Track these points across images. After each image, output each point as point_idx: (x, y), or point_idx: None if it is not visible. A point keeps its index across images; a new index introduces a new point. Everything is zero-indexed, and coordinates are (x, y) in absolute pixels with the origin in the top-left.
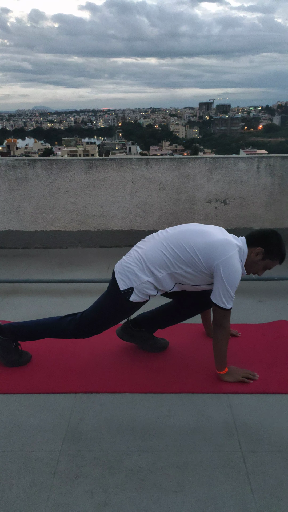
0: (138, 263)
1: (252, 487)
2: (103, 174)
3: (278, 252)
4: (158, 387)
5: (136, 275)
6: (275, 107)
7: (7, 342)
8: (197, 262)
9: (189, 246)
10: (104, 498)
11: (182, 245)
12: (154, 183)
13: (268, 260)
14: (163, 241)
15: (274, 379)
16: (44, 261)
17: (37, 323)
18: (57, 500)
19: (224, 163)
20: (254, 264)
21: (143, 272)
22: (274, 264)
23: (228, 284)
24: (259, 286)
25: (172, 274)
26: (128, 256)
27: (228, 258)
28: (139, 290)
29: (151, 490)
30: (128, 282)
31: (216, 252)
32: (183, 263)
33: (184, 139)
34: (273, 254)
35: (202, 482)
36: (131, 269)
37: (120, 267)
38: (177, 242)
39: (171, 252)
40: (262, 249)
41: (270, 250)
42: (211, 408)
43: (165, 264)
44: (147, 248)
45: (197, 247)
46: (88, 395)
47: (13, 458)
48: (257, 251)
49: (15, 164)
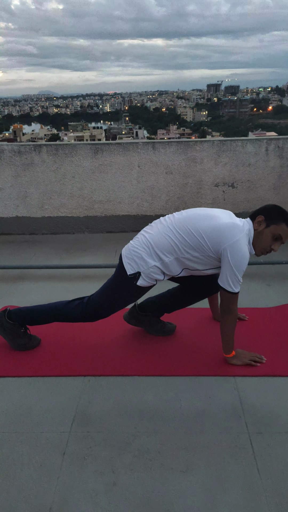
0: (145, 247)
1: (259, 468)
2: (109, 158)
3: (278, 213)
4: (166, 370)
5: (144, 259)
6: (285, 88)
7: (15, 326)
8: (204, 246)
9: (196, 231)
10: (112, 478)
11: (189, 230)
12: (160, 167)
13: (272, 226)
14: (170, 226)
15: (281, 362)
16: (51, 247)
17: (44, 308)
18: (66, 480)
19: (232, 145)
20: (261, 236)
21: (150, 256)
22: (281, 230)
23: (236, 268)
24: (267, 270)
25: (179, 258)
26: (135, 240)
27: (236, 241)
28: (146, 275)
29: (159, 470)
30: (135, 267)
31: (223, 236)
32: (190, 248)
33: (192, 122)
34: (274, 217)
35: (209, 463)
36: (138, 253)
37: (128, 252)
38: (184, 226)
39: (178, 237)
40: (262, 216)
41: (270, 214)
42: (219, 391)
43: (172, 249)
44: (154, 233)
45: (204, 231)
46: (97, 378)
47: (23, 439)
48: (258, 220)
49: (20, 150)
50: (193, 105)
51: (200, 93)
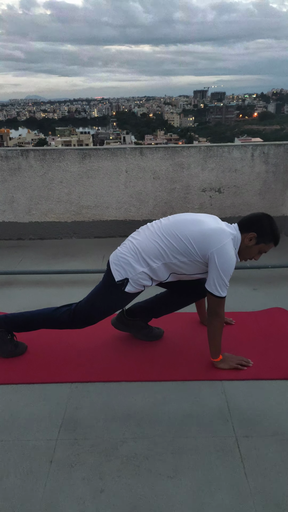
0: (133, 254)
1: (246, 471)
2: (97, 164)
3: (271, 235)
4: (153, 375)
5: (132, 266)
6: (270, 94)
7: (1, 333)
8: (192, 251)
9: (183, 236)
10: (100, 484)
11: (177, 235)
12: (148, 173)
13: (262, 244)
14: (158, 231)
15: (267, 366)
16: (38, 252)
17: (31, 314)
18: (54, 487)
19: (219, 151)
20: (249, 249)
21: (138, 263)
22: (269, 247)
23: (223, 272)
24: (254, 274)
25: (167, 264)
26: (123, 247)
27: (223, 246)
28: (134, 281)
29: (146, 476)
30: (123, 273)
31: (211, 241)
32: (178, 253)
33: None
34: (267, 237)
35: (197, 467)
36: (126, 260)
37: (115, 258)
38: (172, 232)
39: (165, 243)
40: (255, 234)
41: (262, 234)
42: (206, 394)
43: (160, 254)
44: (142, 239)
45: (191, 236)
46: (84, 385)
47: (10, 447)
48: (250, 236)
49: (7, 155)
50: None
51: (187, 99)
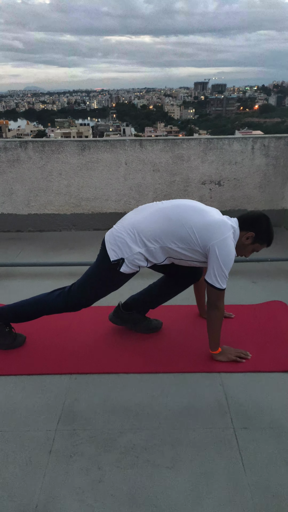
0: (130, 233)
1: (244, 462)
2: (96, 156)
3: (267, 237)
4: (152, 367)
5: (128, 246)
6: (271, 87)
7: (0, 326)
8: (193, 239)
9: (186, 223)
10: (99, 475)
11: (179, 220)
12: (148, 165)
13: (257, 244)
14: (159, 212)
15: (265, 358)
16: (37, 244)
17: (25, 303)
18: (53, 477)
19: (219, 144)
20: (244, 247)
21: (135, 243)
22: (262, 248)
23: (224, 264)
24: (253, 267)
25: (164, 247)
26: (119, 225)
27: (224, 239)
28: (130, 261)
29: (145, 466)
30: (119, 253)
31: (213, 233)
32: (177, 239)
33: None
34: (263, 239)
35: (195, 458)
36: (123, 239)
37: (111, 237)
38: (174, 217)
39: (166, 226)
40: (253, 234)
41: (260, 235)
42: (204, 387)
43: (158, 237)
44: (141, 218)
45: (195, 225)
46: (83, 376)
47: (9, 437)
48: (248, 235)
49: (6, 146)
50: (181, 103)
51: (187, 91)
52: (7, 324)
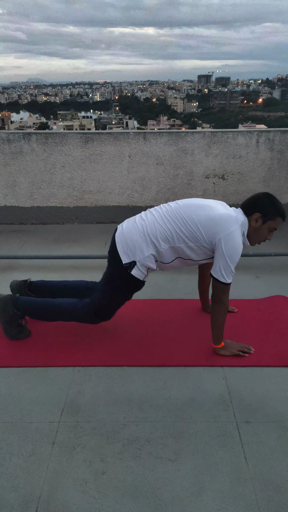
0: (142, 235)
1: (246, 455)
2: (100, 148)
3: (275, 210)
4: (155, 360)
5: (141, 248)
6: (276, 80)
7: (16, 316)
8: (199, 236)
9: (191, 220)
10: (102, 466)
11: (185, 219)
12: (151, 158)
13: (269, 221)
14: (166, 214)
15: (268, 352)
16: (40, 237)
17: (51, 308)
18: (56, 469)
19: (223, 137)
20: (258, 231)
21: (147, 245)
22: (278, 223)
23: (229, 259)
24: (256, 262)
25: (174, 247)
26: (130, 227)
27: (230, 233)
28: (141, 264)
29: (147, 459)
30: (131, 256)
31: (218, 227)
32: (185, 237)
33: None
34: (271, 214)
35: (197, 451)
36: (135, 241)
37: (123, 240)
38: (179, 216)
39: (173, 226)
40: (259, 214)
41: (266, 212)
42: (207, 380)
43: (166, 238)
44: (149, 221)
45: (199, 221)
46: (86, 369)
47: (13, 429)
48: (255, 217)
49: (9, 138)
50: (184, 96)
51: (191, 84)
52: (23, 317)
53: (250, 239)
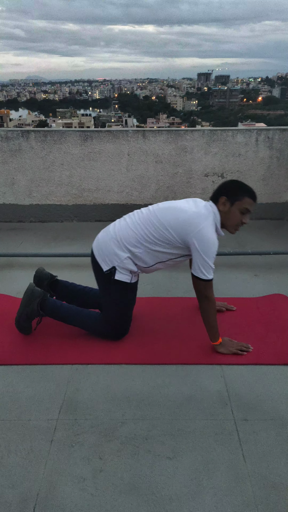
0: (115, 241)
1: (244, 453)
2: (99, 146)
3: (240, 191)
4: (153, 358)
5: (116, 253)
6: (275, 79)
7: (38, 315)
8: (171, 238)
9: (161, 225)
10: (100, 464)
11: (155, 224)
12: (150, 156)
13: (237, 202)
14: (138, 220)
15: (267, 351)
16: (39, 235)
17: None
18: (54, 466)
19: (222, 135)
20: (229, 215)
21: (121, 249)
22: (248, 203)
23: (205, 255)
24: (255, 260)
25: (150, 251)
26: (104, 234)
27: (200, 230)
28: (121, 268)
29: (145, 456)
30: (109, 262)
31: (188, 227)
32: (158, 240)
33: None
34: (237, 194)
35: (195, 448)
36: (110, 248)
37: (99, 249)
38: (151, 221)
39: (145, 231)
40: (225, 197)
41: (231, 193)
42: (205, 378)
43: (139, 242)
44: (123, 227)
45: (169, 225)
46: (85, 366)
47: (11, 426)
48: (222, 201)
49: (8, 136)
50: (183, 94)
51: (190, 82)
52: (44, 316)
53: (226, 226)
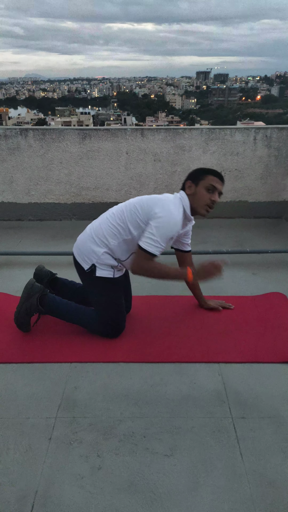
0: (91, 238)
1: (242, 451)
2: (97, 144)
3: (201, 171)
4: (151, 356)
5: (93, 250)
6: (274, 77)
7: (37, 311)
8: (139, 220)
9: (133, 206)
10: (98, 462)
11: (128, 208)
12: (149, 155)
13: (200, 182)
14: (112, 214)
15: (264, 349)
16: (38, 233)
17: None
18: (52, 464)
19: (221, 134)
20: (195, 195)
21: (97, 245)
22: (211, 180)
23: (156, 230)
24: (253, 258)
25: (124, 241)
26: (81, 236)
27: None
28: (100, 264)
29: (143, 454)
30: (89, 261)
31: (153, 203)
32: (131, 226)
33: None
34: (199, 175)
35: (193, 446)
36: (87, 247)
37: (77, 250)
38: (124, 209)
39: (118, 221)
40: (189, 181)
41: (194, 176)
42: (203, 376)
43: (113, 234)
44: (96, 224)
45: (139, 205)
46: (83, 365)
47: (9, 424)
48: (188, 185)
49: (6, 134)
50: (182, 93)
51: (189, 81)
52: (41, 313)
53: (196, 208)
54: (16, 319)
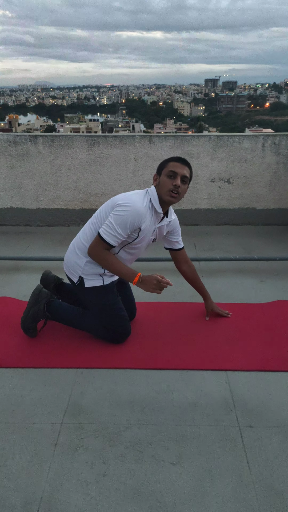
0: (73, 252)
1: (249, 460)
2: (106, 151)
3: (164, 161)
4: (158, 363)
5: (76, 263)
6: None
7: (44, 316)
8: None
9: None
10: (103, 468)
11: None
12: (157, 161)
13: (163, 171)
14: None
15: (272, 357)
16: (46, 239)
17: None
18: (58, 470)
19: (229, 141)
20: (161, 183)
21: (79, 258)
22: (171, 166)
23: (114, 218)
24: (261, 266)
25: None
26: (67, 252)
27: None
28: (86, 274)
29: (149, 461)
30: (76, 274)
31: (118, 198)
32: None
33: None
34: (162, 165)
35: (199, 454)
36: (71, 261)
37: (65, 266)
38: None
39: (91, 225)
40: (155, 173)
41: (158, 168)
42: (210, 384)
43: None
44: (77, 237)
45: (107, 203)
46: (89, 370)
47: (15, 429)
48: (154, 178)
49: (16, 140)
50: (191, 100)
51: (197, 88)
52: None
53: (161, 195)
54: (23, 323)
